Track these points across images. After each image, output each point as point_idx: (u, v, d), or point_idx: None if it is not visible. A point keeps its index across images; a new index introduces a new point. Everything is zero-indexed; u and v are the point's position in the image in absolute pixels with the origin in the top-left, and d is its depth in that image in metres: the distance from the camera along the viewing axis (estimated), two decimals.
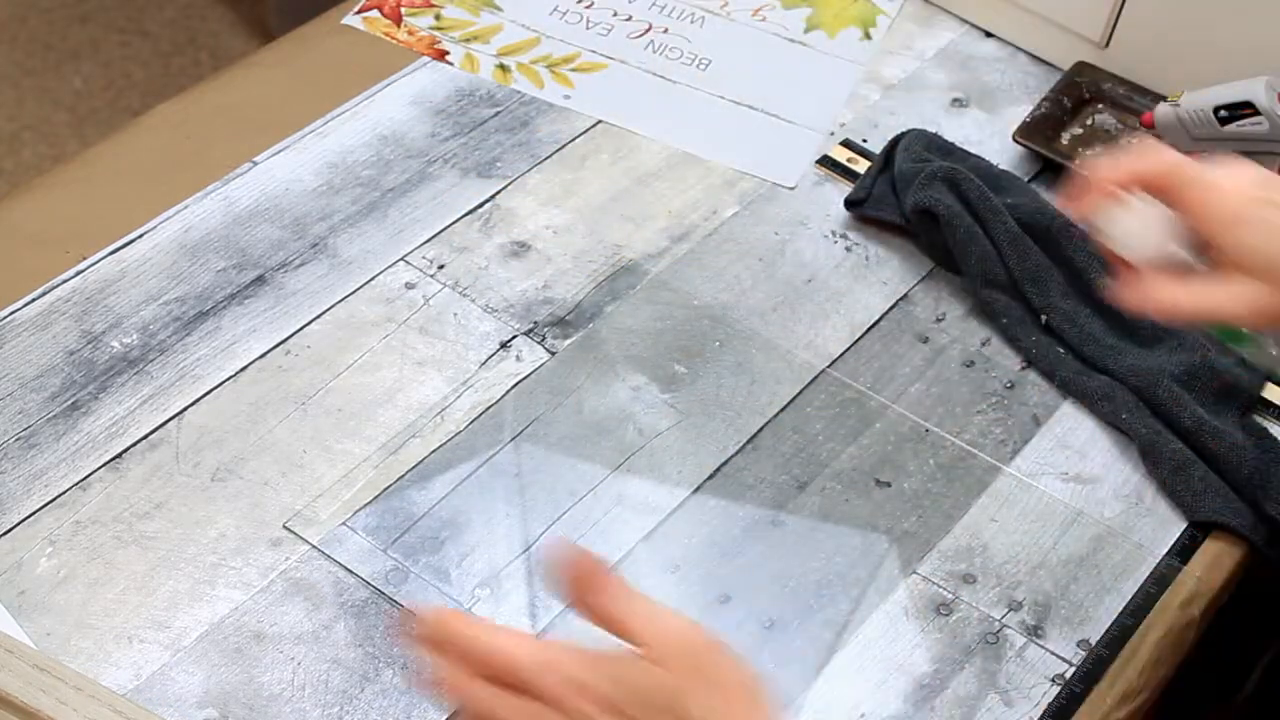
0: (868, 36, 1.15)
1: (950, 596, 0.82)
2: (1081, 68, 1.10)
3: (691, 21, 1.16)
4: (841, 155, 1.05)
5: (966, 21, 1.17)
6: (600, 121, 1.07)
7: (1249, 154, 1.06)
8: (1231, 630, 0.90)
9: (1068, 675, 0.79)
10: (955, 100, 1.10)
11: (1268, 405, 0.92)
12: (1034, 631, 0.81)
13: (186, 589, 0.79)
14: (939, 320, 0.96)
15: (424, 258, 0.97)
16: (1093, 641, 0.80)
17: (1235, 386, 0.90)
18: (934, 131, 1.04)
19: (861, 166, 1.04)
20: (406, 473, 0.85)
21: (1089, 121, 1.08)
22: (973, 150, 1.05)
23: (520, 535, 0.82)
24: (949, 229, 0.95)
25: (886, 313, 0.96)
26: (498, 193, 1.01)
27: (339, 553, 0.81)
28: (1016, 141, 1.05)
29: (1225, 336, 0.92)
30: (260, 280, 0.94)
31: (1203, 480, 0.86)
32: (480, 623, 0.71)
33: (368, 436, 0.87)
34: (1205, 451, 0.87)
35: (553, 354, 0.92)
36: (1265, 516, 0.85)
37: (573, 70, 1.11)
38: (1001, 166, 1.04)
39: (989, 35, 1.16)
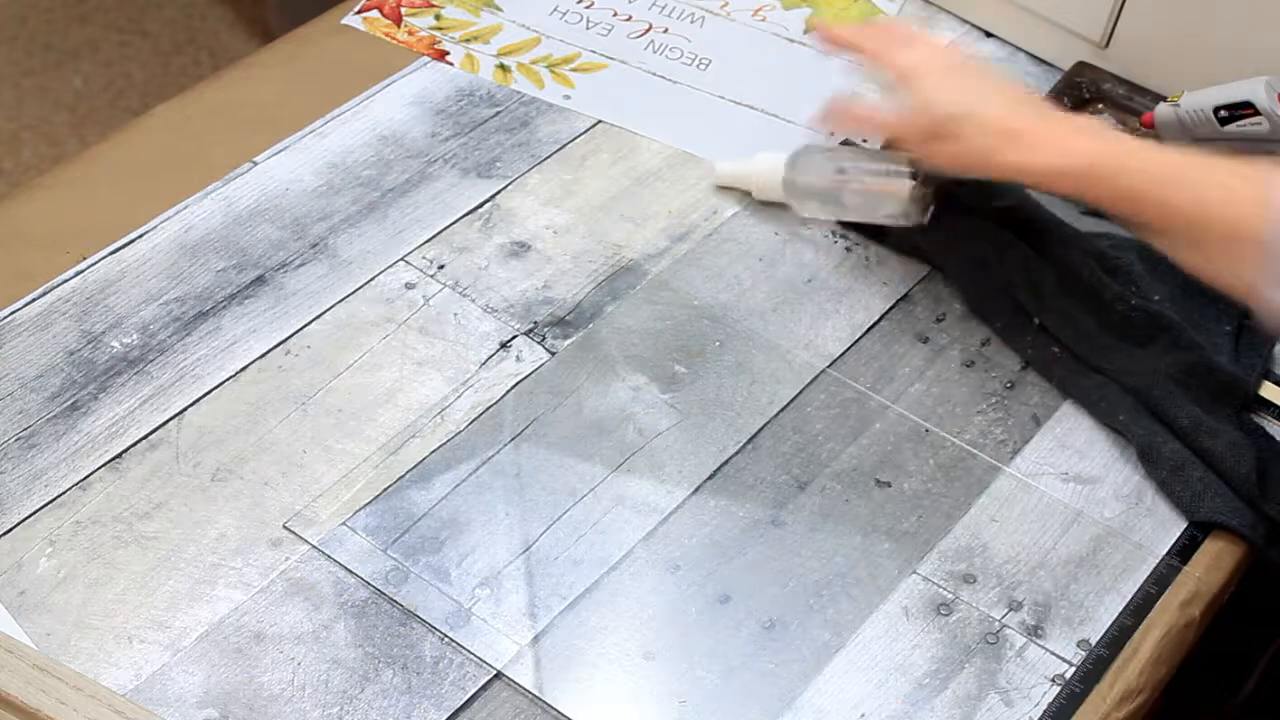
0: None
1: (950, 596, 0.82)
2: (1081, 68, 1.10)
3: (691, 21, 1.16)
4: None
5: (966, 21, 1.17)
6: (600, 121, 1.07)
7: (1249, 154, 1.06)
8: (1231, 630, 0.90)
9: (1068, 675, 0.79)
10: None
11: (1266, 404, 0.92)
12: (1034, 631, 0.81)
13: (186, 589, 0.79)
14: (939, 320, 0.96)
15: (424, 258, 0.97)
16: (1093, 641, 0.80)
17: (1232, 385, 0.90)
18: None
19: None
20: (406, 473, 0.85)
21: None
22: None
23: (520, 535, 0.83)
24: (939, 231, 0.95)
25: (886, 313, 0.96)
26: (498, 193, 1.01)
27: (339, 553, 0.81)
28: None
29: None
30: (260, 280, 0.94)
31: (1201, 480, 0.86)
32: None
33: (368, 436, 0.87)
34: (1203, 451, 0.87)
35: (553, 354, 0.92)
36: (1264, 516, 0.85)
37: (573, 70, 1.11)
38: None
39: (989, 35, 1.16)
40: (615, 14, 1.16)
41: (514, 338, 0.92)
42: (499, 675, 0.77)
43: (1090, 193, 0.84)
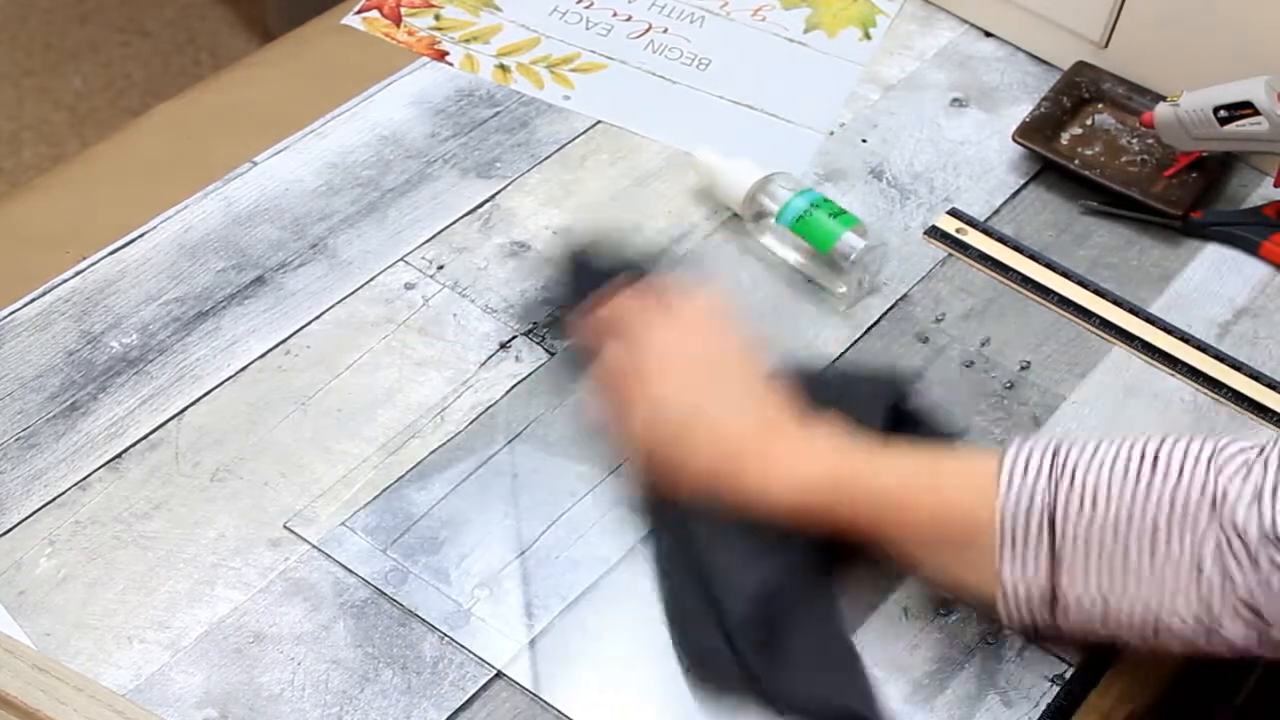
0: (867, 36, 1.15)
1: (950, 596, 0.82)
2: (1081, 68, 1.10)
3: (691, 21, 1.16)
4: (950, 225, 1.01)
5: (966, 21, 1.17)
6: (600, 121, 1.07)
7: (1248, 154, 1.06)
8: None
9: (1067, 675, 0.79)
10: (955, 100, 1.11)
11: (1264, 411, 0.92)
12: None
13: (186, 589, 0.79)
14: (939, 320, 0.96)
15: (424, 258, 0.97)
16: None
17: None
18: None
19: (971, 238, 1.00)
20: (406, 473, 0.85)
21: (1089, 121, 1.08)
22: (972, 150, 1.05)
23: (519, 535, 0.82)
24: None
25: (886, 313, 0.96)
26: (497, 193, 1.01)
27: (339, 553, 0.81)
28: (1016, 141, 1.05)
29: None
30: (260, 280, 0.94)
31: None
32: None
33: (367, 437, 0.87)
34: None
35: (552, 354, 0.92)
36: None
37: (572, 70, 1.11)
38: (1001, 167, 1.04)
39: (989, 35, 1.16)
40: (615, 14, 1.16)
41: (513, 338, 0.92)
42: (499, 675, 0.77)
43: (825, 520, 0.76)
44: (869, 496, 0.76)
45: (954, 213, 1.02)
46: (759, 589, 0.76)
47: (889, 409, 0.83)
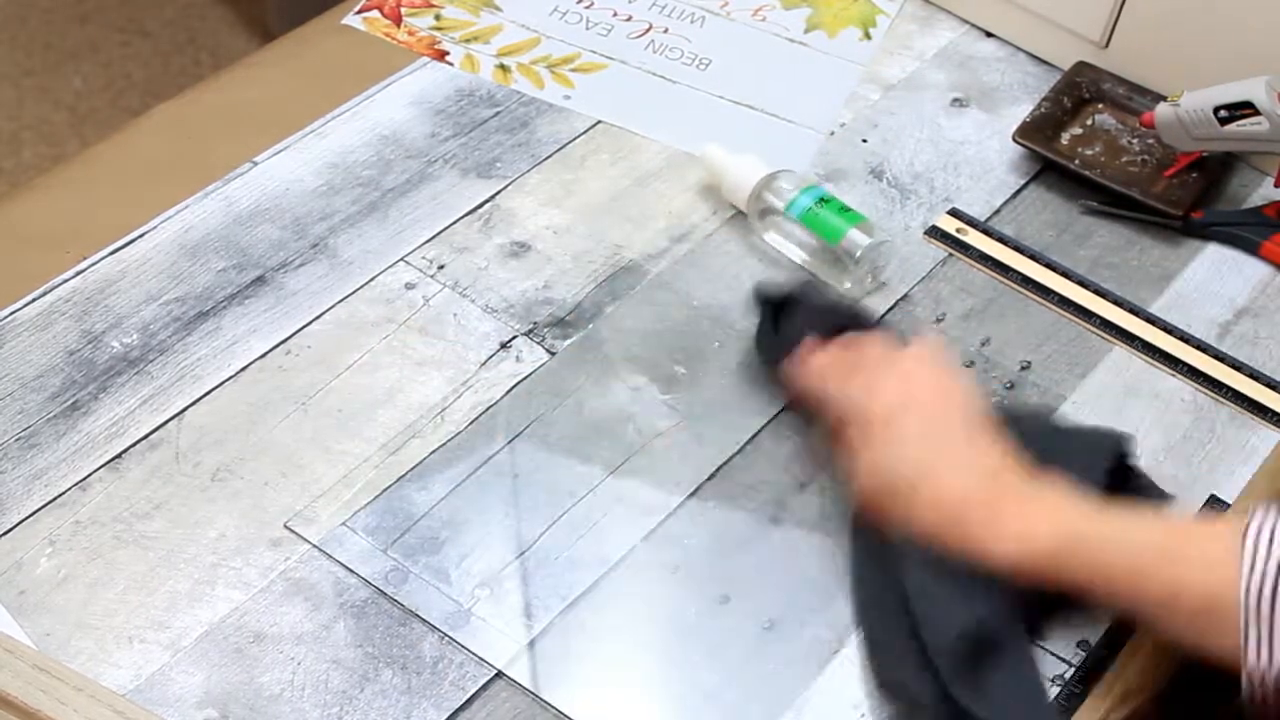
0: (868, 36, 1.16)
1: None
2: (1081, 68, 1.10)
3: (691, 21, 1.16)
4: (950, 225, 1.01)
5: (966, 21, 1.17)
6: (600, 121, 1.07)
7: (1249, 154, 1.06)
8: None
9: (1067, 676, 0.79)
10: (955, 100, 1.11)
11: (1264, 411, 0.92)
12: (1034, 632, 0.81)
13: (186, 589, 0.79)
14: (939, 320, 0.96)
15: (424, 258, 0.97)
16: (1092, 642, 0.80)
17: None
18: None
19: (972, 238, 1.00)
20: (406, 473, 0.85)
21: (1089, 121, 1.08)
22: (972, 150, 1.05)
23: (520, 536, 0.83)
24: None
25: (886, 313, 0.96)
26: (498, 193, 1.01)
27: (339, 553, 0.81)
28: (1016, 141, 1.05)
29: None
30: (260, 280, 0.94)
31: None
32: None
33: (368, 437, 0.87)
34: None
35: (552, 354, 0.92)
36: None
37: (573, 70, 1.11)
38: (1002, 167, 1.03)
39: (989, 35, 1.16)
40: (615, 14, 1.16)
41: (514, 338, 0.92)
42: (499, 675, 0.77)
43: (1054, 580, 0.75)
44: (1101, 562, 0.74)
45: (954, 213, 1.02)
46: (970, 628, 0.75)
47: (1109, 468, 0.82)
